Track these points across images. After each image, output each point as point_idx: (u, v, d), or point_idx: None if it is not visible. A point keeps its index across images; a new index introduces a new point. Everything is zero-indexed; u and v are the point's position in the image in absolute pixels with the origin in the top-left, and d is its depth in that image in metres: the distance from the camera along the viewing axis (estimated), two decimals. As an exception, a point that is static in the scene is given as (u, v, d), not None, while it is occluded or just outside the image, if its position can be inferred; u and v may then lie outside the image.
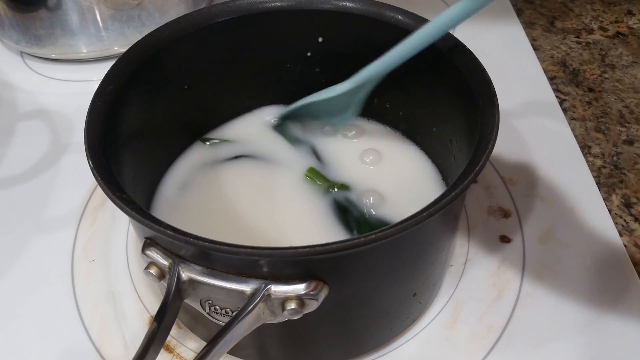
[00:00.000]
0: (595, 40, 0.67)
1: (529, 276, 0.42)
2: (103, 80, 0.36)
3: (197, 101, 0.44)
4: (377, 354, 0.38)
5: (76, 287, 0.43)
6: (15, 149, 0.54)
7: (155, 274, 0.31)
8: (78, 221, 0.47)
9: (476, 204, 0.47)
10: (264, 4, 0.41)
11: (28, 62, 0.64)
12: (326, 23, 0.42)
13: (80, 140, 0.35)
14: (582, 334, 0.39)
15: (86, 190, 0.49)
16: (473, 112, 0.34)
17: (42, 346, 0.39)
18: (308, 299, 0.29)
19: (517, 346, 0.38)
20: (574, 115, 0.57)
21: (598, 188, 0.48)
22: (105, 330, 0.40)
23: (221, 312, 0.31)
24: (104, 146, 0.33)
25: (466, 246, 0.44)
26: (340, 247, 0.27)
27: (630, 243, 0.45)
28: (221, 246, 0.27)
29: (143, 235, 0.32)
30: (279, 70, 0.45)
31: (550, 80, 0.60)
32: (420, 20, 0.39)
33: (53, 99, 0.59)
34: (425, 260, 0.35)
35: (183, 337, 0.39)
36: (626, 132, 0.55)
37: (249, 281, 0.29)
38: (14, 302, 0.42)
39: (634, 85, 0.60)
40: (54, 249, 0.45)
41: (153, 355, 0.30)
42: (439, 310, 0.40)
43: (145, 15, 0.60)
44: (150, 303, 0.41)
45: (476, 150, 0.31)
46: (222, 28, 0.41)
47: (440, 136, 0.41)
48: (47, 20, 0.58)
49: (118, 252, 0.45)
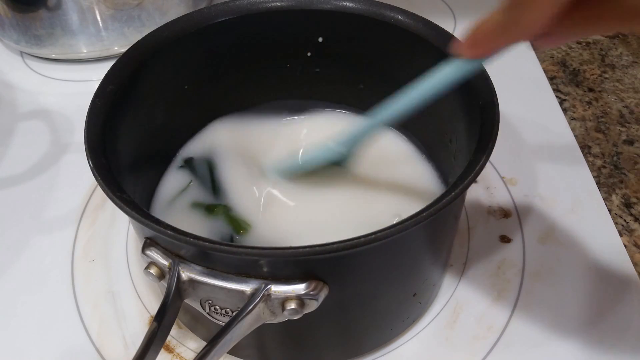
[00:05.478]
0: (595, 40, 0.67)
1: (529, 276, 0.42)
2: (103, 80, 0.36)
3: (196, 101, 0.44)
4: (377, 354, 0.38)
5: (76, 287, 0.43)
6: (15, 149, 0.54)
7: (155, 274, 0.31)
8: (78, 221, 0.47)
9: (476, 204, 0.47)
10: (264, 4, 0.41)
11: (28, 62, 0.64)
12: (326, 23, 0.42)
13: (80, 140, 0.35)
14: (582, 334, 0.39)
15: (86, 190, 0.49)
16: (473, 112, 0.34)
17: (42, 346, 0.39)
18: (308, 299, 0.29)
19: (517, 346, 0.38)
20: (574, 115, 0.57)
21: (598, 188, 0.48)
22: (105, 330, 0.40)
23: (221, 312, 0.31)
24: (104, 146, 0.33)
25: (466, 246, 0.44)
26: (340, 247, 0.27)
27: (630, 243, 0.45)
28: (221, 246, 0.27)
29: (143, 235, 0.32)
30: (279, 70, 0.45)
31: (550, 80, 0.60)
32: (420, 20, 0.39)
33: (53, 99, 0.59)
34: (425, 260, 0.35)
35: (183, 337, 0.39)
36: (626, 132, 0.55)
37: (249, 281, 0.29)
38: (14, 302, 0.42)
39: (634, 85, 0.60)
40: (54, 249, 0.45)
41: (153, 355, 0.30)
42: (439, 310, 0.40)
43: (145, 15, 0.60)
44: (150, 303, 0.41)
45: (476, 150, 0.31)
46: (222, 28, 0.41)
47: (440, 136, 0.41)
48: (47, 20, 0.58)
49: (118, 252, 0.45)
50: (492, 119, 0.32)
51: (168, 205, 0.42)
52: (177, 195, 0.42)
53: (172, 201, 0.42)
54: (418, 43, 0.39)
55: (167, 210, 0.41)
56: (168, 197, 0.42)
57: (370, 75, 0.45)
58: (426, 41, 0.38)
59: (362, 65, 0.44)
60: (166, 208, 0.42)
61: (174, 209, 0.41)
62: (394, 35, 0.40)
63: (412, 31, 0.39)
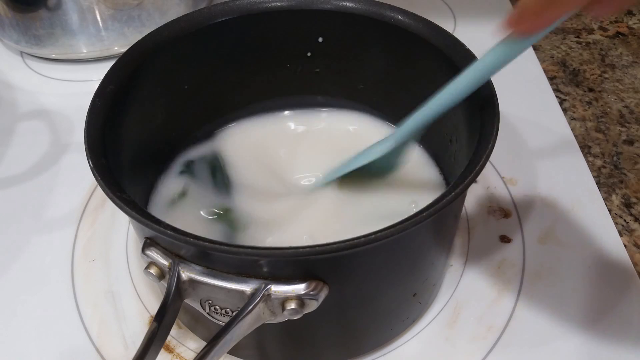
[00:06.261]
0: (595, 40, 0.67)
1: (529, 276, 0.42)
2: (103, 80, 0.36)
3: (196, 101, 0.44)
4: (377, 354, 0.38)
5: (76, 287, 0.42)
6: (15, 149, 0.54)
7: (155, 274, 0.31)
8: (78, 221, 0.47)
9: (476, 204, 0.47)
10: (264, 4, 0.41)
11: (28, 62, 0.64)
12: (326, 23, 0.42)
13: (80, 140, 0.35)
14: (582, 334, 0.39)
15: (86, 190, 0.49)
16: (473, 112, 0.34)
17: (42, 346, 0.39)
18: (308, 299, 0.29)
19: (517, 346, 0.38)
20: (574, 115, 0.57)
21: (598, 188, 0.48)
22: (105, 330, 0.40)
23: (221, 312, 0.31)
24: (104, 146, 0.33)
25: (466, 246, 0.44)
26: (340, 247, 0.27)
27: (630, 243, 0.45)
28: (221, 246, 0.27)
29: (143, 235, 0.32)
30: (279, 70, 0.45)
31: (550, 80, 0.60)
32: (420, 20, 0.39)
33: (53, 99, 0.59)
34: (425, 260, 0.35)
35: (183, 337, 0.39)
36: (626, 132, 0.55)
37: (249, 281, 0.29)
38: (14, 302, 0.42)
39: (634, 85, 0.60)
40: (54, 249, 0.45)
41: (153, 355, 0.30)
42: (439, 310, 0.40)
43: (145, 15, 0.60)
44: (150, 303, 0.41)
45: (476, 150, 0.31)
46: (222, 28, 0.41)
47: (440, 136, 0.41)
48: (47, 20, 0.58)
49: (118, 252, 0.45)
50: (492, 119, 0.32)
51: (169, 206, 0.42)
52: (178, 195, 0.42)
53: (173, 201, 0.42)
54: (418, 43, 0.39)
55: (168, 210, 0.41)
56: (169, 197, 0.42)
57: (370, 75, 0.45)
58: (426, 41, 0.38)
59: (362, 65, 0.44)
60: (167, 208, 0.42)
61: (176, 210, 0.41)
62: (394, 35, 0.40)
63: (412, 31, 0.39)
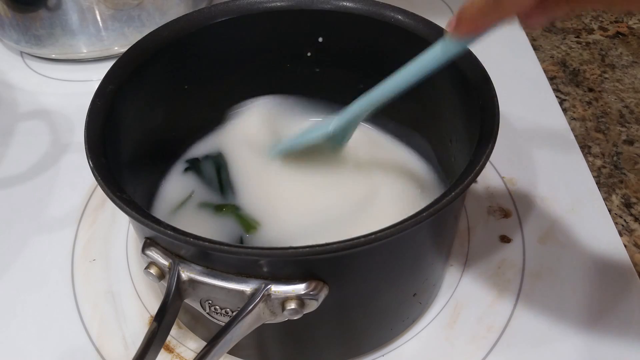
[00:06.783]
0: (595, 40, 0.67)
1: (529, 276, 0.42)
2: (103, 80, 0.36)
3: (196, 101, 0.44)
4: (377, 354, 0.38)
5: (76, 287, 0.43)
6: (15, 149, 0.54)
7: (155, 274, 0.31)
8: (78, 221, 0.47)
9: (476, 204, 0.47)
10: (264, 4, 0.41)
11: (28, 62, 0.64)
12: (326, 23, 0.42)
13: (80, 140, 0.35)
14: (582, 334, 0.39)
15: (86, 190, 0.49)
16: (473, 112, 0.34)
17: (42, 346, 0.39)
18: (308, 299, 0.29)
19: (517, 346, 0.38)
20: (574, 115, 0.57)
21: (598, 188, 0.48)
22: (105, 330, 0.40)
23: (221, 312, 0.31)
24: (104, 146, 0.33)
25: (466, 246, 0.44)
26: (340, 247, 0.27)
27: (630, 243, 0.45)
28: (221, 246, 0.27)
29: (143, 235, 0.32)
30: (279, 70, 0.45)
31: (550, 80, 0.60)
32: (420, 20, 0.39)
33: (53, 99, 0.59)
34: (425, 260, 0.35)
35: (183, 337, 0.39)
36: (626, 132, 0.55)
37: (249, 281, 0.29)
38: (14, 302, 0.42)
39: (634, 85, 0.60)
40: (54, 249, 0.45)
41: (153, 355, 0.30)
42: (439, 310, 0.40)
43: (145, 15, 0.60)
44: (150, 303, 0.41)
45: (476, 150, 0.31)
46: (222, 28, 0.41)
47: (440, 136, 0.41)
48: (47, 20, 0.58)
49: (118, 252, 0.45)
50: (492, 119, 0.32)
51: (174, 206, 0.42)
52: (182, 195, 0.42)
53: (178, 202, 0.42)
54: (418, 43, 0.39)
55: (174, 211, 0.41)
56: (174, 197, 0.42)
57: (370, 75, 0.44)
58: (426, 41, 0.38)
59: (362, 65, 0.44)
60: (173, 209, 0.42)
61: (181, 210, 0.41)
62: (394, 35, 0.40)
63: (412, 31, 0.39)
